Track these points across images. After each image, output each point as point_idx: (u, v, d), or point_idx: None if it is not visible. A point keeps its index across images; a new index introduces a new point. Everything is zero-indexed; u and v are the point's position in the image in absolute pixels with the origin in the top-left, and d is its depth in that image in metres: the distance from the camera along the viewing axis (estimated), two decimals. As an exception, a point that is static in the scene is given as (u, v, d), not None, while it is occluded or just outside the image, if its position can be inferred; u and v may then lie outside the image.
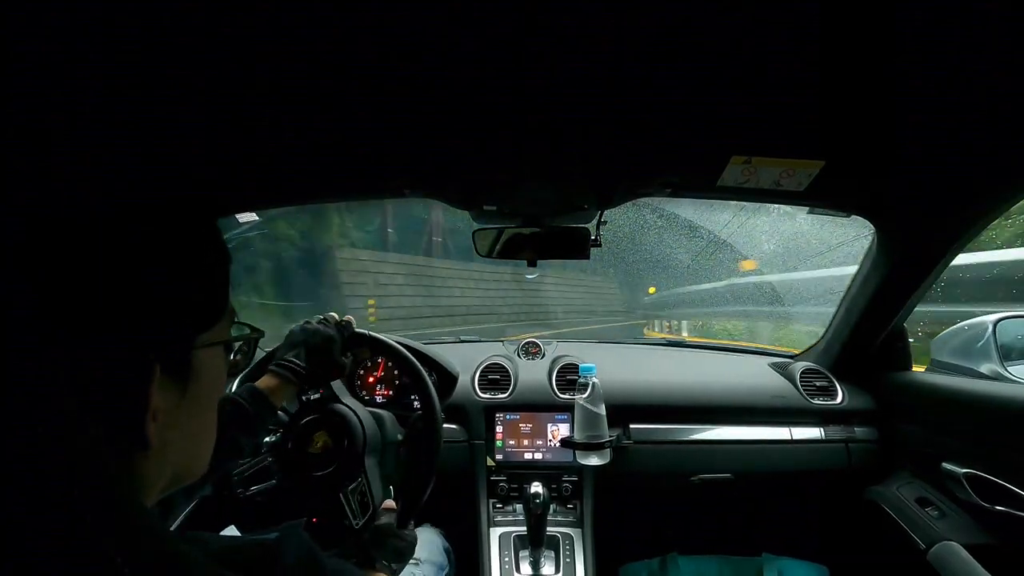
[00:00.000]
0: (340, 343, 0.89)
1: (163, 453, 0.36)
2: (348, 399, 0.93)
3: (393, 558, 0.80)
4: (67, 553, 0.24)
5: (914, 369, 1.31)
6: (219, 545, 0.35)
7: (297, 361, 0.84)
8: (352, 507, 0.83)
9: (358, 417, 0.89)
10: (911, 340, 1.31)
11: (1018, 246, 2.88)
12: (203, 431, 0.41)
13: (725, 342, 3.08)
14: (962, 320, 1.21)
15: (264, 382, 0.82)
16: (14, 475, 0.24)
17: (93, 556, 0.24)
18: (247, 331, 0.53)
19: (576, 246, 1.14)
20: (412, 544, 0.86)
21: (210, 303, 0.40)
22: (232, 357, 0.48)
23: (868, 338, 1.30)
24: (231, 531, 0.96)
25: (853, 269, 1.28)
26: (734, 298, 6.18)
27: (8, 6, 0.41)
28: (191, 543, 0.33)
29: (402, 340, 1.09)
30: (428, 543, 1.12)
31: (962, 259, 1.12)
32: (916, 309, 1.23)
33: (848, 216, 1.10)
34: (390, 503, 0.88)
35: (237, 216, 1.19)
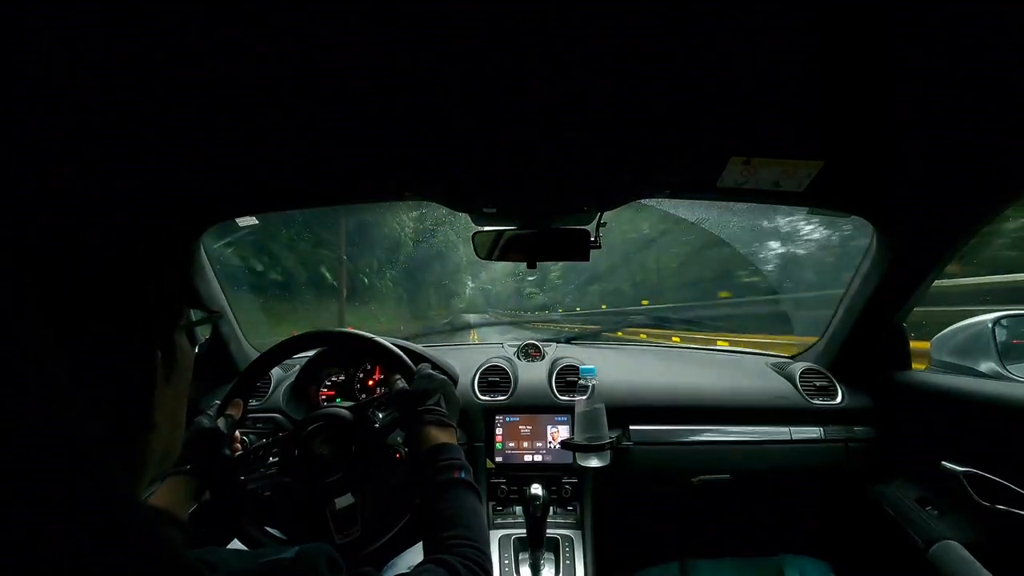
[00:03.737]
0: (225, 431, 0.85)
1: (154, 437, 0.39)
2: (348, 404, 0.93)
3: (436, 415, 0.78)
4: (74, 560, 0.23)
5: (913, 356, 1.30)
6: (231, 568, 0.37)
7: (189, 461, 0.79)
8: (361, 511, 0.83)
9: (358, 420, 0.88)
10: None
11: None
12: (180, 415, 0.45)
13: (724, 343, 3.08)
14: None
15: (160, 497, 0.74)
16: (14, 475, 0.23)
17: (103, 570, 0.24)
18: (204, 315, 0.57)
19: (576, 248, 1.14)
20: (445, 384, 0.85)
21: (178, 293, 0.45)
22: (199, 344, 0.53)
23: (868, 338, 1.31)
24: (232, 542, 0.96)
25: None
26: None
27: (8, 6, 0.41)
28: (210, 567, 0.33)
29: (398, 341, 1.09)
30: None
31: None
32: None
33: (848, 216, 1.10)
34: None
35: (237, 220, 1.19)
